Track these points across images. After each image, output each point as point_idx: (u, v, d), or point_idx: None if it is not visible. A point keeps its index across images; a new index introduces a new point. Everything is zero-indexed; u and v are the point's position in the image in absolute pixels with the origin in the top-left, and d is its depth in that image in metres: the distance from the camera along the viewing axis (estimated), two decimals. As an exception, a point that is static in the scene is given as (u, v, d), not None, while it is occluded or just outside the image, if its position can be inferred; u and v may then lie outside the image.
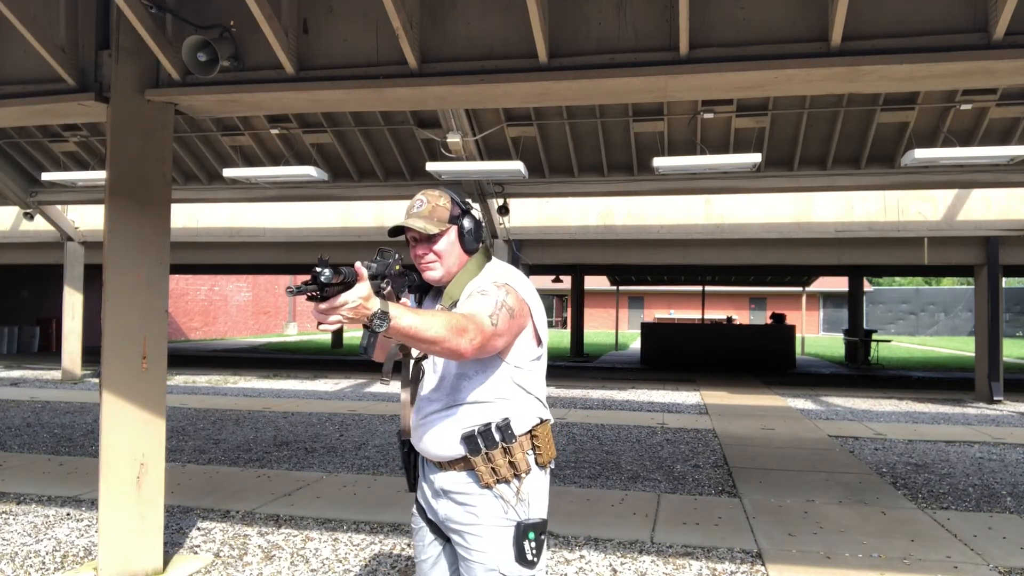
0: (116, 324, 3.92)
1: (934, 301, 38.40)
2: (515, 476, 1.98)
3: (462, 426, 1.98)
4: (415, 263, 2.10)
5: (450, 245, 2.05)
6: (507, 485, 1.98)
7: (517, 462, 1.98)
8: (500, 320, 1.88)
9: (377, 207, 12.28)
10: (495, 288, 1.96)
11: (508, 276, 2.04)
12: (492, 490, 1.97)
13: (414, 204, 2.08)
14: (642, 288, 35.96)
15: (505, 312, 1.91)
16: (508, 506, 1.97)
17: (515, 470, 1.98)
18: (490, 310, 1.88)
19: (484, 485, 1.96)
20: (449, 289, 2.05)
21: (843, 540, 4.59)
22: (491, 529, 1.97)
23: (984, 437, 8.42)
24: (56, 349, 20.05)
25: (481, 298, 1.93)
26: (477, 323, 1.82)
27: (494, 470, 1.96)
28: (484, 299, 1.92)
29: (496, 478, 1.96)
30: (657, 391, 12.79)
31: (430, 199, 2.07)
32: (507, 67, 3.76)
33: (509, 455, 1.96)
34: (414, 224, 2.01)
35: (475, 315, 1.85)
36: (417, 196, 2.10)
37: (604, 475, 6.31)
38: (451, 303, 2.02)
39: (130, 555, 3.89)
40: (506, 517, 1.97)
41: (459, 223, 2.06)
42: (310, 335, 31.82)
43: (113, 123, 4.01)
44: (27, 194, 11.77)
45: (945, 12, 3.41)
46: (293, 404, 10.50)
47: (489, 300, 1.91)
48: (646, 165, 8.85)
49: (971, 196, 10.72)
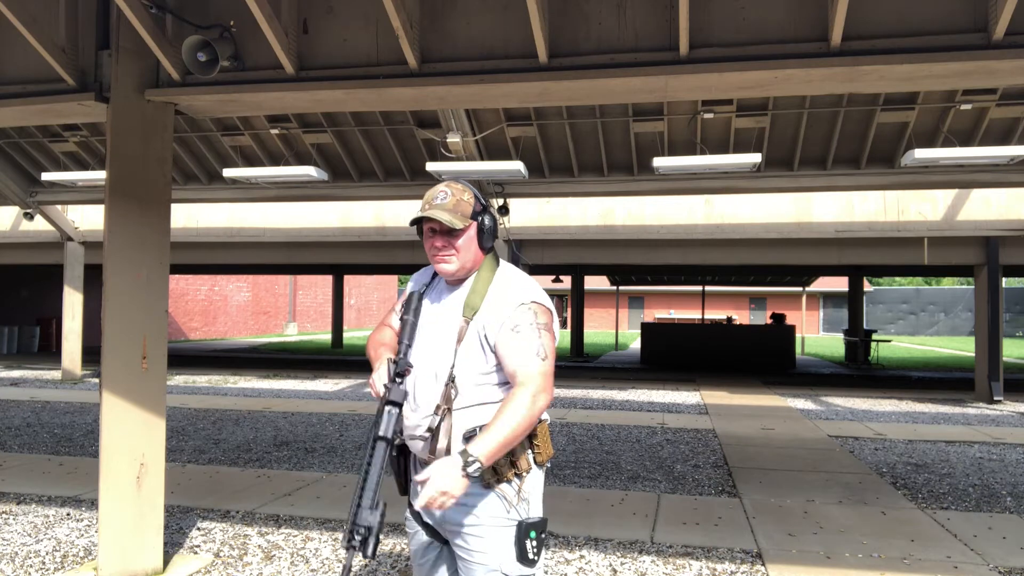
0: (116, 324, 3.92)
1: (934, 301, 38.40)
2: (516, 475, 1.98)
3: (464, 427, 1.97)
4: (429, 253, 2.07)
5: (469, 241, 2.05)
6: (508, 484, 1.98)
7: (518, 461, 1.98)
8: (546, 348, 1.95)
9: (377, 207, 12.29)
10: (524, 315, 1.96)
11: (529, 291, 2.03)
12: (494, 490, 1.97)
13: (436, 195, 2.04)
14: (642, 288, 35.96)
15: (545, 336, 1.97)
16: (510, 505, 1.98)
17: (516, 469, 1.98)
18: (535, 348, 1.93)
19: (485, 485, 1.96)
20: (469, 299, 2.03)
21: (843, 540, 4.59)
22: (493, 529, 1.97)
23: (984, 437, 8.42)
24: (56, 349, 20.05)
25: (518, 340, 1.94)
26: (533, 375, 1.90)
27: (495, 470, 1.95)
28: (521, 339, 1.94)
29: (497, 478, 1.96)
30: (657, 391, 12.79)
31: (454, 192, 2.04)
32: (507, 67, 3.76)
33: (511, 455, 1.97)
34: (440, 216, 1.99)
35: (527, 369, 1.91)
36: (439, 187, 2.06)
37: (604, 475, 6.31)
38: (472, 312, 2.01)
39: (130, 555, 3.89)
40: (507, 517, 1.98)
41: (480, 219, 2.06)
42: (310, 335, 31.83)
43: (113, 123, 4.01)
44: (27, 194, 11.77)
45: (945, 12, 3.41)
46: (293, 404, 10.51)
47: (527, 337, 1.94)
48: (646, 165, 8.85)
49: (971, 196, 10.72)
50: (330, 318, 26.91)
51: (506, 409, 1.86)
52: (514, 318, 1.96)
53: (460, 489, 1.78)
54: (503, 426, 1.84)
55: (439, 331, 2.05)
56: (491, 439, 1.82)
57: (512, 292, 2.02)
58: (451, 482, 1.77)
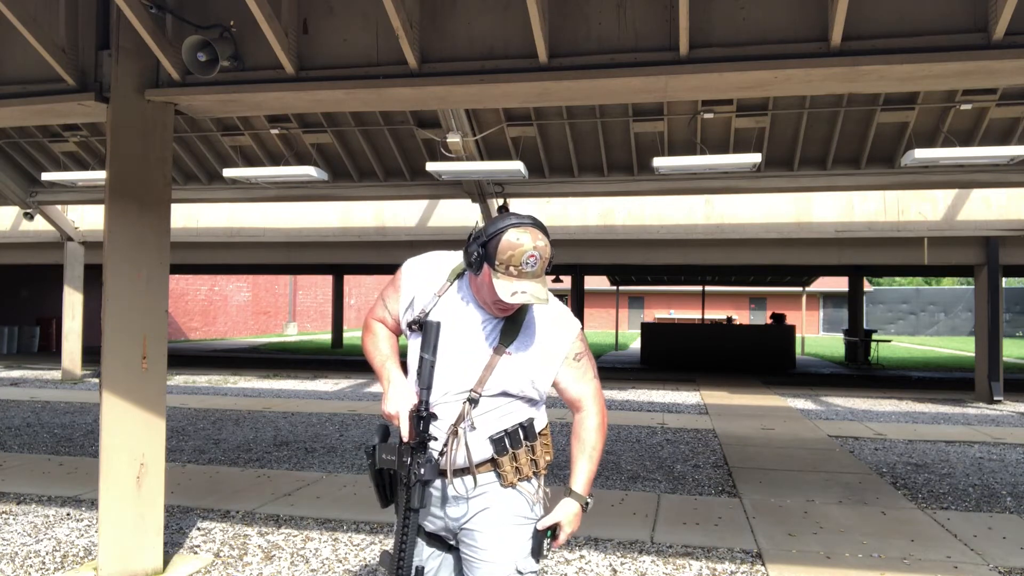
0: (116, 324, 3.92)
1: (934, 301, 38.38)
2: (535, 474, 2.03)
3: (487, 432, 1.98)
4: (490, 299, 1.93)
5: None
6: (528, 483, 2.02)
7: (538, 460, 2.03)
8: (595, 370, 2.11)
9: (377, 207, 12.28)
10: (579, 345, 2.06)
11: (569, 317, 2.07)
12: (515, 488, 2.00)
13: (526, 260, 1.82)
14: (642, 288, 35.95)
15: (591, 356, 2.12)
16: (532, 503, 2.02)
17: (536, 468, 2.03)
18: (592, 373, 2.09)
19: (507, 484, 1.99)
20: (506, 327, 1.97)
21: (843, 540, 4.59)
22: (514, 528, 1.99)
23: (984, 437, 8.42)
24: (56, 349, 20.04)
25: (581, 369, 2.06)
26: (597, 399, 2.09)
27: (517, 469, 1.99)
28: (581, 367, 2.06)
29: (519, 476, 1.99)
30: (657, 391, 12.79)
31: (542, 254, 1.85)
32: (507, 67, 3.76)
33: (532, 453, 2.01)
34: (540, 296, 1.85)
35: (590, 393, 2.08)
36: (526, 248, 1.83)
37: (604, 475, 6.31)
38: (509, 342, 1.96)
39: (130, 555, 3.89)
40: (528, 515, 2.01)
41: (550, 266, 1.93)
42: (310, 335, 31.83)
43: (113, 123, 4.01)
44: (27, 194, 11.76)
45: (945, 12, 3.40)
46: (293, 404, 10.50)
47: (586, 365, 2.08)
48: (646, 165, 8.84)
49: (971, 196, 10.71)
50: (330, 318, 26.90)
51: (587, 439, 2.05)
52: (575, 347, 2.05)
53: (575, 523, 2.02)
54: (592, 456, 2.04)
55: (467, 354, 1.96)
56: (587, 472, 2.02)
57: (561, 322, 2.05)
58: (576, 525, 2.02)
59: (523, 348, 1.97)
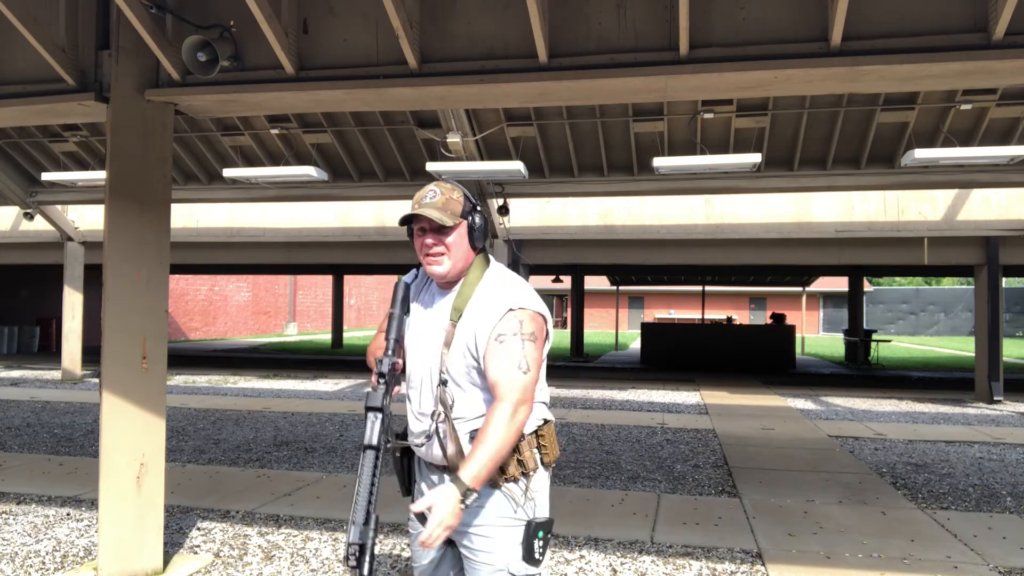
0: (116, 324, 3.92)
1: (934, 301, 38.39)
2: (523, 475, 2.00)
3: (472, 427, 1.98)
4: (420, 254, 2.07)
5: (459, 239, 2.04)
6: (516, 484, 1.99)
7: (525, 460, 1.99)
8: (528, 360, 1.92)
9: (377, 207, 12.28)
10: (509, 324, 1.93)
11: (516, 296, 1.99)
12: (501, 489, 1.98)
13: (426, 194, 2.05)
14: (642, 288, 35.95)
15: (529, 346, 1.93)
16: (517, 505, 1.99)
17: (523, 468, 1.99)
18: (516, 360, 1.91)
19: (492, 484, 1.97)
20: (456, 302, 2.02)
21: (843, 540, 4.59)
22: (500, 529, 1.98)
23: (984, 437, 8.42)
24: (56, 349, 20.04)
25: (502, 351, 1.91)
26: (513, 388, 1.89)
27: (502, 469, 1.96)
28: (504, 350, 1.91)
29: (505, 477, 1.97)
30: (657, 391, 12.79)
31: (443, 191, 2.05)
32: (507, 67, 3.76)
33: (518, 453, 1.98)
34: (429, 213, 1.99)
35: (507, 382, 1.89)
36: (428, 187, 2.07)
37: (604, 475, 6.31)
38: (458, 315, 2.00)
39: (130, 555, 3.89)
40: (515, 516, 1.99)
41: (470, 219, 2.05)
42: (310, 335, 31.82)
43: (113, 123, 4.01)
44: (27, 194, 11.76)
45: (945, 12, 3.40)
46: (293, 404, 10.50)
47: (510, 348, 1.91)
48: (646, 165, 8.85)
49: (971, 196, 10.71)
50: (330, 318, 26.88)
51: (488, 428, 1.87)
52: (499, 327, 1.93)
53: (458, 520, 1.80)
54: (487, 447, 1.84)
55: (428, 335, 2.05)
56: (479, 463, 1.82)
57: (499, 298, 1.99)
58: (450, 517, 1.78)
59: (465, 320, 2.00)
